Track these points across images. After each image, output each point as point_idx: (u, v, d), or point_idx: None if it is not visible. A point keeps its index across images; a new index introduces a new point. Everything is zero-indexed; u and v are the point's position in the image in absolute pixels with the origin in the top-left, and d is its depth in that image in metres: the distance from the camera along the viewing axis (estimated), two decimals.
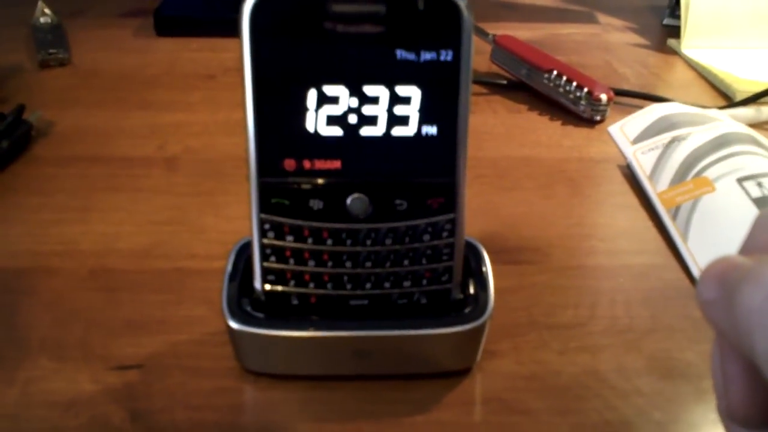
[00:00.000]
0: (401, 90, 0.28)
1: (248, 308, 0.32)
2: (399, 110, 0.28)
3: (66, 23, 0.70)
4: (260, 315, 0.32)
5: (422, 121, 0.29)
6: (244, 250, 0.34)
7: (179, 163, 0.50)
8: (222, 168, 0.49)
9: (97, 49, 0.68)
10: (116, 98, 0.59)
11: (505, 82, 0.62)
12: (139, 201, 0.46)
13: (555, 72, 0.57)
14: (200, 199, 0.46)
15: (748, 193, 0.43)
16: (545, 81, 0.58)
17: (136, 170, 0.49)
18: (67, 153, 0.51)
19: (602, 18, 0.78)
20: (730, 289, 0.19)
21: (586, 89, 0.56)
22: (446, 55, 0.27)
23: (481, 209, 0.46)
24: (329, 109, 0.28)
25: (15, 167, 0.49)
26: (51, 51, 0.65)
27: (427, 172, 0.30)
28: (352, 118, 0.28)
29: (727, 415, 0.22)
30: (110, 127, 0.54)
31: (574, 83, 0.56)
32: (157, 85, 0.62)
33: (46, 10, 0.70)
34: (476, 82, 0.61)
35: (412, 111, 0.28)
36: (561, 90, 0.57)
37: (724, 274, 0.20)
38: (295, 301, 0.32)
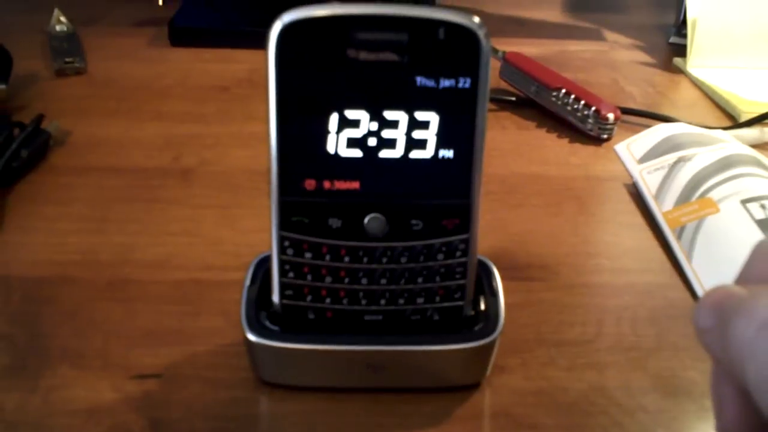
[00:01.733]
0: (420, 115, 0.29)
1: (266, 321, 0.33)
2: (417, 134, 0.29)
3: (80, 31, 0.71)
4: (277, 328, 0.33)
5: (439, 145, 0.29)
6: (262, 265, 0.35)
7: (194, 175, 0.51)
8: (236, 180, 0.50)
9: (112, 59, 0.69)
10: (131, 108, 0.60)
11: (514, 98, 0.63)
12: (155, 212, 0.47)
13: (563, 90, 0.58)
14: (215, 211, 0.47)
15: (751, 215, 0.44)
16: (554, 99, 0.59)
17: (152, 181, 0.50)
18: (84, 163, 0.52)
19: (609, 35, 0.79)
20: (725, 319, 0.20)
21: (593, 108, 0.57)
22: (464, 83, 0.28)
23: (490, 226, 0.46)
24: (350, 132, 0.29)
25: (33, 176, 0.50)
26: (67, 60, 0.65)
27: (443, 193, 0.31)
28: (372, 141, 0.29)
29: None
30: (126, 138, 0.55)
31: (582, 102, 0.57)
32: (171, 96, 0.63)
33: (62, 18, 0.71)
34: None
35: (430, 135, 0.29)
36: (569, 108, 0.58)
37: (719, 303, 0.21)
38: (311, 316, 0.33)
